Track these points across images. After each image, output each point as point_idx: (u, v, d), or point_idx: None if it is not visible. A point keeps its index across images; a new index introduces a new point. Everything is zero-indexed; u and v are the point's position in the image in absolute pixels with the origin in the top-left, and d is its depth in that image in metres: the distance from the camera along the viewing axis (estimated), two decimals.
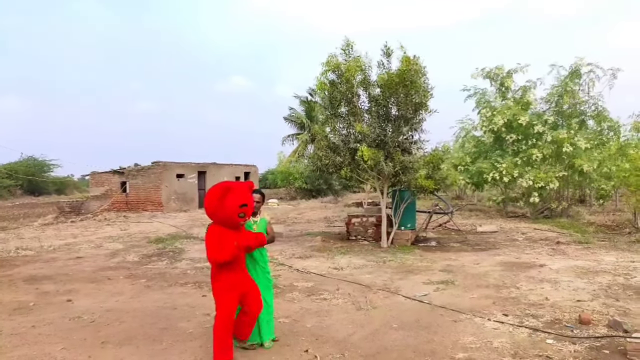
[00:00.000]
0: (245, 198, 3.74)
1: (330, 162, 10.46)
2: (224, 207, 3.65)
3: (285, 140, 39.72)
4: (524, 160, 15.51)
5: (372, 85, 10.29)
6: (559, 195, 17.34)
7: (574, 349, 4.10)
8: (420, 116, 10.26)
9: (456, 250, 10.07)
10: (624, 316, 4.96)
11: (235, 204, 3.65)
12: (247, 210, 3.75)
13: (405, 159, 10.00)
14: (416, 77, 9.80)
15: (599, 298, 5.79)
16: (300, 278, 7.26)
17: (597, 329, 4.62)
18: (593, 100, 16.11)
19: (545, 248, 10.03)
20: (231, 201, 3.64)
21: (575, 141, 14.71)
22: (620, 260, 8.29)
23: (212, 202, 3.72)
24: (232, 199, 3.65)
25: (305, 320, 5.07)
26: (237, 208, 3.66)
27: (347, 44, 10.23)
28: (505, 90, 16.83)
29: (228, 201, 3.64)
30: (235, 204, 3.65)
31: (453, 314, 5.18)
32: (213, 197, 3.71)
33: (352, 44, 10.23)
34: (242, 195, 3.72)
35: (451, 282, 6.80)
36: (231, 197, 3.65)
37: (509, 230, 13.21)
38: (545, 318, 5.02)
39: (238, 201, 3.66)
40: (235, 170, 25.84)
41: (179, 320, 5.12)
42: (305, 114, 38.26)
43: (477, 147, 18.43)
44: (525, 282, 6.76)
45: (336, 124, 10.79)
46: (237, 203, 3.66)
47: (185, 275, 7.65)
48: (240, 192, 3.73)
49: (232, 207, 3.65)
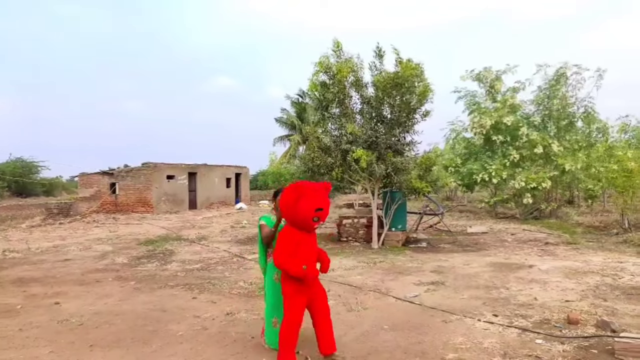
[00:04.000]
0: (322, 202, 3.57)
1: (322, 163, 10.46)
2: (298, 210, 3.50)
3: (277, 141, 39.75)
4: (512, 161, 15.66)
5: (364, 87, 10.31)
6: (548, 197, 17.51)
7: (562, 349, 4.13)
8: (413, 119, 10.31)
9: (447, 251, 10.12)
10: (612, 316, 5.01)
11: (311, 207, 3.49)
12: (322, 214, 3.59)
13: (397, 160, 10.03)
14: (415, 81, 9.82)
15: (587, 298, 5.84)
16: None
17: (586, 328, 4.67)
18: (582, 102, 16.30)
19: (534, 249, 10.11)
20: (307, 205, 3.49)
21: (549, 143, 14.89)
22: (608, 261, 8.38)
23: (287, 204, 3.56)
24: (307, 202, 3.49)
25: None
26: (313, 212, 3.51)
27: (336, 45, 10.24)
28: (495, 92, 16.96)
29: (303, 204, 3.49)
30: (312, 207, 3.50)
31: (443, 315, 5.20)
32: (289, 198, 3.56)
33: (341, 45, 10.25)
34: (319, 199, 3.55)
35: (442, 283, 6.83)
36: (307, 200, 3.49)
37: (498, 231, 13.30)
38: (534, 318, 5.06)
39: (314, 205, 3.50)
40: (226, 171, 25.74)
41: (168, 323, 5.08)
42: (296, 115, 38.29)
43: (467, 149, 18.57)
44: (514, 282, 6.81)
45: (328, 125, 10.81)
46: (313, 207, 3.50)
47: (175, 277, 7.60)
48: (316, 195, 3.55)
49: (307, 210, 3.49)
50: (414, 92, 9.89)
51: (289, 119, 38.67)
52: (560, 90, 16.01)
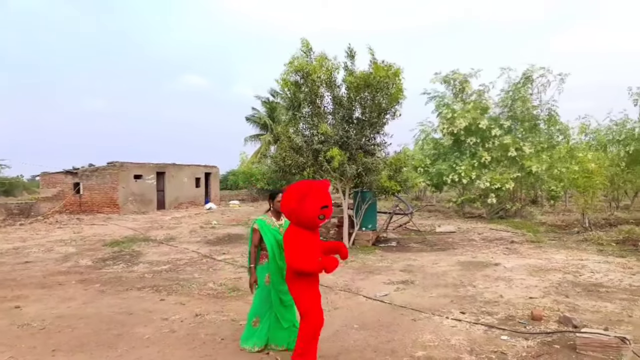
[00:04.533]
0: (326, 199, 3.56)
1: (293, 163, 10.44)
2: (304, 208, 3.48)
3: (248, 140, 39.38)
4: (481, 162, 16.02)
5: (336, 87, 10.34)
6: (513, 197, 18.00)
7: (526, 345, 4.25)
8: (384, 119, 10.40)
9: (416, 250, 10.26)
10: (573, 312, 5.18)
11: (316, 206, 3.48)
12: (327, 212, 3.56)
13: (367, 160, 10.10)
14: (388, 83, 9.90)
15: (550, 295, 6.03)
16: None
17: (549, 324, 4.81)
18: (546, 105, 16.81)
19: (500, 247, 10.36)
20: (312, 203, 3.47)
21: (520, 146, 15.33)
22: (569, 259, 8.67)
23: (291, 203, 3.54)
24: (312, 201, 3.48)
25: None
26: (318, 210, 3.49)
27: (305, 45, 10.22)
28: (462, 94, 17.30)
29: (308, 203, 3.47)
30: (317, 205, 3.48)
31: (413, 313, 5.27)
32: (293, 197, 3.54)
33: (310, 45, 10.24)
34: (323, 197, 3.54)
35: (411, 282, 6.92)
36: (312, 199, 3.48)
37: (466, 230, 13.58)
38: (499, 315, 5.18)
39: (319, 203, 3.49)
40: (195, 170, 25.34)
41: (135, 326, 4.96)
42: (267, 115, 38.05)
43: (436, 150, 18.88)
44: (481, 280, 6.96)
45: (299, 124, 10.79)
46: (318, 205, 3.49)
47: (142, 279, 7.43)
48: (320, 192, 3.54)
49: (313, 209, 3.48)
50: (386, 94, 9.97)
51: (260, 118, 38.39)
52: (524, 92, 16.46)
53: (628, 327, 4.64)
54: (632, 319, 4.96)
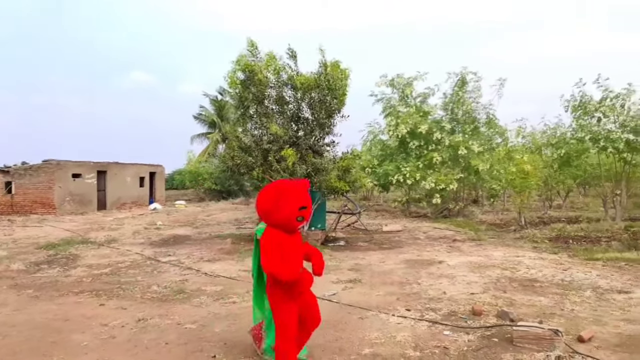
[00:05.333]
0: (304, 199, 3.37)
1: (242, 163, 10.31)
2: (280, 209, 3.29)
3: (195, 139, 38.52)
4: (425, 163, 16.51)
5: (284, 87, 10.31)
6: (456, 196, 18.68)
7: (467, 339, 4.42)
8: (333, 120, 10.48)
9: (363, 249, 10.42)
10: (511, 306, 5.45)
11: (294, 206, 3.29)
12: (306, 213, 3.38)
13: (317, 160, 10.15)
14: (336, 83, 9.97)
15: (490, 290, 6.31)
16: (208, 282, 7.05)
17: (488, 319, 5.03)
18: (484, 108, 17.57)
19: (443, 245, 10.73)
20: (289, 203, 3.28)
21: (469, 145, 15.96)
22: (507, 256, 9.11)
23: (267, 204, 3.36)
24: (290, 201, 3.29)
25: (214, 325, 4.93)
26: (297, 211, 3.30)
27: (250, 45, 10.13)
28: (407, 97, 17.73)
29: (285, 203, 3.28)
30: (294, 206, 3.29)
31: (360, 312, 5.34)
32: (268, 197, 3.36)
33: (256, 45, 10.16)
34: (301, 197, 3.35)
35: (358, 281, 7.01)
36: (289, 199, 3.29)
37: (412, 229, 13.95)
38: (443, 311, 5.36)
39: (297, 203, 3.30)
40: (139, 170, 24.45)
41: (71, 333, 4.71)
42: (216, 113, 37.39)
43: (384, 151, 19.27)
44: (426, 278, 7.17)
45: (248, 124, 10.67)
46: (296, 205, 3.30)
47: (80, 283, 7.07)
48: (298, 193, 3.35)
49: (290, 210, 3.28)
50: (335, 94, 10.06)
51: (208, 117, 37.65)
52: (463, 96, 17.13)
53: (560, 320, 4.93)
54: (564, 312, 5.28)
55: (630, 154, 14.87)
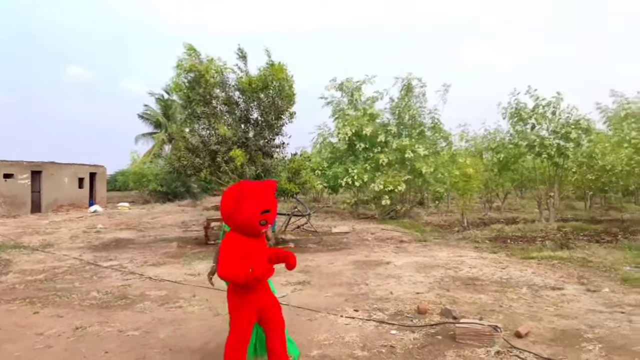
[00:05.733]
0: (268, 202, 3.22)
1: (189, 164, 10.08)
2: (242, 212, 3.14)
3: (140, 139, 37.17)
4: (372, 166, 16.83)
5: (231, 88, 10.18)
6: (403, 198, 19.17)
7: (413, 337, 4.54)
8: (282, 121, 10.46)
9: (313, 251, 10.46)
10: (454, 304, 5.65)
11: (256, 209, 3.14)
12: (269, 216, 3.23)
13: (266, 162, 10.09)
14: (286, 85, 9.95)
15: (434, 290, 6.51)
16: (152, 287, 6.82)
17: (432, 317, 5.19)
18: (430, 113, 18.15)
19: (391, 246, 10.97)
20: (251, 206, 3.13)
21: (416, 148, 16.44)
22: (450, 256, 9.45)
23: (228, 206, 3.21)
24: (252, 204, 3.14)
25: (158, 331, 4.77)
26: (259, 215, 3.15)
27: (189, 49, 9.96)
28: (355, 101, 18.01)
29: (247, 206, 3.13)
30: (257, 209, 3.14)
31: (309, 313, 5.36)
32: (230, 199, 3.21)
33: (194, 48, 9.99)
34: (265, 200, 3.20)
35: (308, 282, 7.03)
36: (251, 202, 3.14)
37: (360, 230, 14.16)
38: (390, 311, 5.48)
39: (259, 206, 3.15)
40: (78, 170, 23.27)
41: (3, 343, 4.40)
42: (162, 113, 36.29)
43: (333, 153, 19.46)
44: (373, 278, 7.30)
45: (195, 124, 10.44)
46: (259, 209, 3.15)
47: (12, 290, 6.63)
48: (261, 195, 3.21)
49: (252, 212, 3.14)
50: (282, 95, 10.04)
51: (153, 116, 36.46)
52: (409, 101, 17.63)
53: (499, 317, 5.17)
54: (502, 308, 5.54)
55: (561, 159, 15.88)
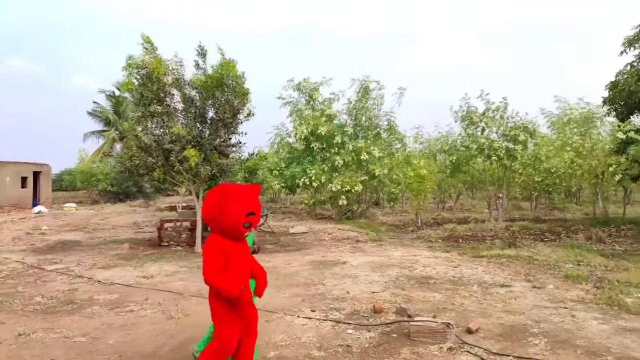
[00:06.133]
0: (253, 205, 3.18)
1: (142, 163, 9.77)
2: (226, 215, 3.08)
3: (88, 137, 35.67)
4: (329, 166, 16.94)
5: (186, 86, 9.95)
6: (359, 199, 19.40)
7: (369, 336, 4.60)
8: (238, 120, 10.32)
9: (270, 251, 10.39)
10: (408, 303, 5.76)
11: (240, 212, 3.09)
12: (254, 219, 3.18)
13: (222, 161, 9.93)
14: (237, 82, 9.81)
15: (389, 289, 6.62)
16: (102, 290, 6.55)
17: (388, 316, 5.27)
18: (386, 115, 18.46)
19: (347, 246, 11.07)
20: (236, 209, 3.08)
21: (370, 150, 16.68)
22: (405, 255, 9.64)
23: (212, 208, 3.15)
24: (236, 207, 3.09)
25: (108, 337, 4.59)
26: (243, 217, 3.10)
27: (146, 41, 9.64)
28: (313, 101, 18.06)
29: (232, 208, 3.08)
30: (241, 212, 3.09)
31: (266, 314, 5.31)
32: (214, 202, 3.14)
33: (151, 41, 9.70)
34: (249, 202, 3.16)
35: None
36: (236, 204, 3.09)
37: (317, 231, 14.20)
38: (346, 310, 5.52)
39: (244, 209, 3.10)
40: (21, 169, 22.05)
41: None
42: (112, 110, 35.02)
43: (291, 154, 19.43)
44: (330, 278, 7.34)
45: (148, 122, 10.13)
46: (243, 211, 3.10)
47: None
48: (246, 198, 3.16)
49: (236, 215, 3.08)
50: (236, 93, 9.92)
51: (103, 113, 35.10)
52: (367, 103, 17.87)
53: (451, 314, 5.33)
54: (455, 306, 5.71)
55: (509, 161, 16.59)
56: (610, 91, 14.47)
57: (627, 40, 13.80)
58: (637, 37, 13.64)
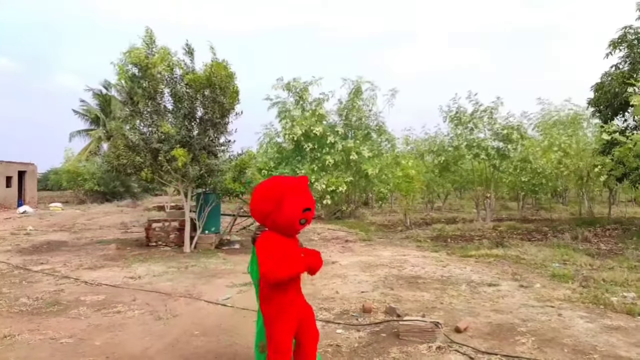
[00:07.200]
0: (308, 200, 3.01)
1: (129, 163, 9.68)
2: (282, 210, 2.91)
3: (75, 136, 35.26)
4: (319, 166, 16.94)
5: (177, 84, 9.88)
6: (348, 199, 19.43)
7: (358, 336, 4.60)
8: (227, 119, 10.27)
9: None
10: (397, 302, 5.79)
11: (297, 207, 2.93)
12: (309, 215, 3.01)
13: (211, 161, 9.88)
14: (227, 81, 9.76)
15: (379, 288, 6.64)
16: (89, 291, 6.48)
17: (377, 315, 5.29)
18: (375, 116, 18.52)
19: (336, 246, 11.08)
20: (292, 204, 2.91)
21: (360, 150, 16.72)
22: (394, 255, 9.68)
23: (266, 205, 2.96)
24: (293, 201, 2.92)
25: (94, 338, 4.54)
26: (300, 213, 2.94)
27: (148, 36, 9.59)
28: (303, 101, 18.04)
29: (288, 203, 2.91)
30: (298, 207, 2.93)
31: (255, 315, 5.24)
32: (268, 198, 2.96)
33: (153, 37, 9.64)
34: (305, 197, 3.00)
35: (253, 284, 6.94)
36: (293, 199, 2.92)
37: (306, 230, 14.17)
38: (335, 310, 5.52)
39: (301, 204, 2.94)
40: (6, 168, 21.75)
41: None
42: (99, 108, 34.65)
43: (280, 153, 19.38)
44: (319, 278, 7.31)
45: (136, 121, 10.03)
46: (300, 206, 2.94)
47: None
48: (301, 192, 2.99)
49: (293, 211, 2.92)
50: (227, 93, 9.87)
51: (90, 112, 34.71)
52: (358, 103, 17.90)
53: (440, 313, 5.36)
54: (443, 305, 5.74)
55: (499, 161, 16.74)
56: (596, 92, 14.66)
57: (612, 43, 14.00)
58: (622, 39, 13.84)
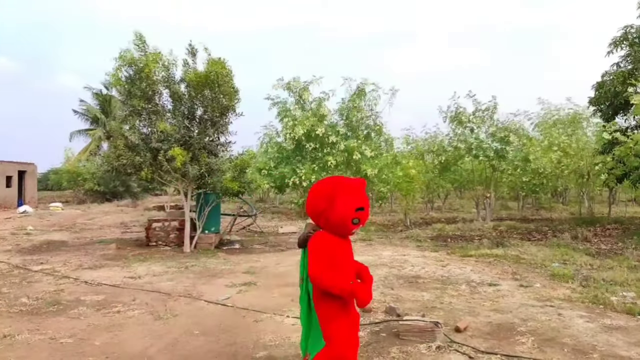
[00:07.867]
0: (362, 200, 2.96)
1: (129, 162, 9.68)
2: (335, 209, 2.87)
3: (75, 136, 35.28)
4: (320, 166, 16.94)
5: (176, 83, 9.89)
6: None
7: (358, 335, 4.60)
8: (227, 119, 10.28)
9: (259, 252, 10.36)
10: (398, 302, 5.78)
11: (351, 206, 2.88)
12: (363, 215, 2.96)
13: (211, 161, 9.88)
14: (225, 80, 9.77)
15: (379, 288, 6.63)
16: (89, 291, 6.48)
17: (377, 315, 5.29)
18: (375, 116, 18.51)
19: None
20: (346, 203, 2.87)
21: (362, 150, 16.72)
22: (394, 255, 9.68)
23: (319, 203, 2.93)
24: (346, 200, 2.88)
25: (94, 338, 4.54)
26: (353, 212, 2.89)
27: (138, 37, 9.58)
28: (303, 101, 18.04)
29: (341, 202, 2.87)
30: (351, 206, 2.88)
31: (254, 315, 5.29)
32: (321, 196, 2.94)
33: (143, 37, 9.63)
34: (359, 196, 2.94)
35: (253, 284, 6.95)
36: (345, 198, 2.88)
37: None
38: None
39: (354, 203, 2.89)
40: (6, 168, 21.76)
41: None
42: (100, 108, 34.66)
43: (280, 153, 19.39)
44: None
45: (136, 121, 10.04)
46: (354, 206, 2.89)
47: None
48: (355, 191, 2.94)
49: (346, 210, 2.87)
50: (225, 92, 9.87)
51: (90, 112, 34.72)
52: (359, 104, 17.91)
53: (440, 313, 5.35)
54: (443, 305, 5.74)
55: (498, 161, 16.73)
56: (597, 91, 14.65)
57: (614, 41, 14.00)
58: (623, 38, 13.83)
